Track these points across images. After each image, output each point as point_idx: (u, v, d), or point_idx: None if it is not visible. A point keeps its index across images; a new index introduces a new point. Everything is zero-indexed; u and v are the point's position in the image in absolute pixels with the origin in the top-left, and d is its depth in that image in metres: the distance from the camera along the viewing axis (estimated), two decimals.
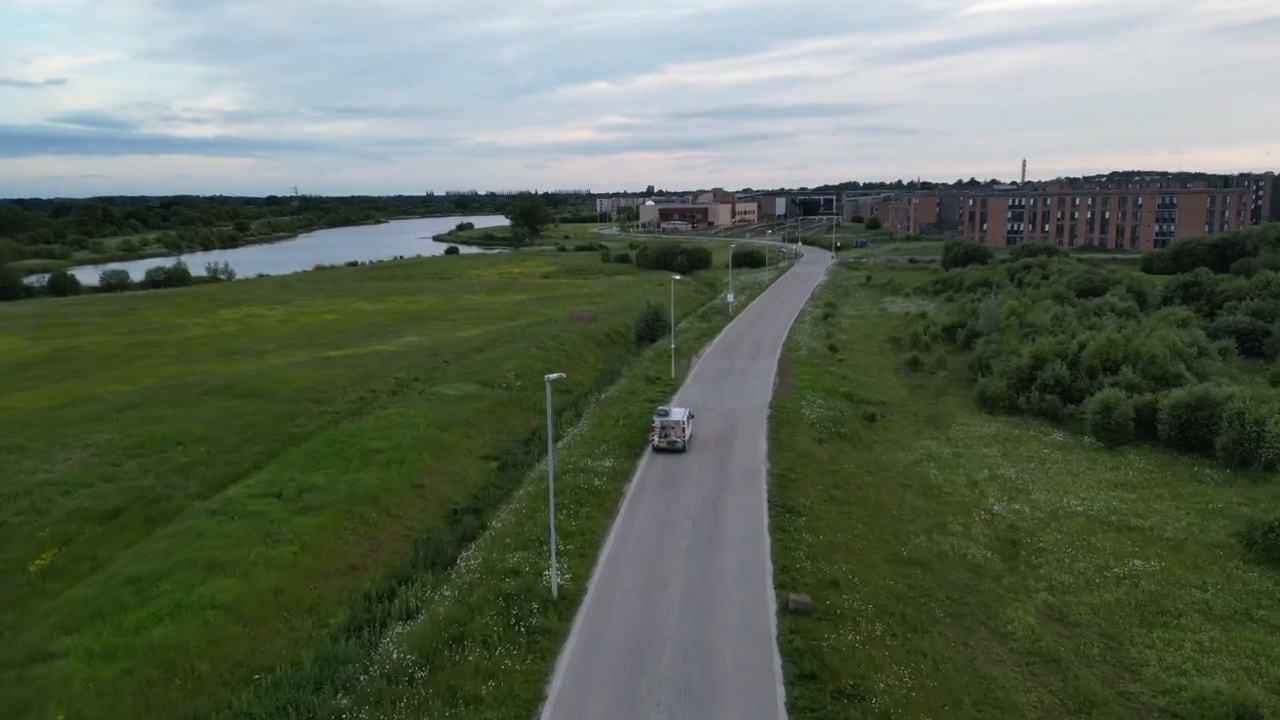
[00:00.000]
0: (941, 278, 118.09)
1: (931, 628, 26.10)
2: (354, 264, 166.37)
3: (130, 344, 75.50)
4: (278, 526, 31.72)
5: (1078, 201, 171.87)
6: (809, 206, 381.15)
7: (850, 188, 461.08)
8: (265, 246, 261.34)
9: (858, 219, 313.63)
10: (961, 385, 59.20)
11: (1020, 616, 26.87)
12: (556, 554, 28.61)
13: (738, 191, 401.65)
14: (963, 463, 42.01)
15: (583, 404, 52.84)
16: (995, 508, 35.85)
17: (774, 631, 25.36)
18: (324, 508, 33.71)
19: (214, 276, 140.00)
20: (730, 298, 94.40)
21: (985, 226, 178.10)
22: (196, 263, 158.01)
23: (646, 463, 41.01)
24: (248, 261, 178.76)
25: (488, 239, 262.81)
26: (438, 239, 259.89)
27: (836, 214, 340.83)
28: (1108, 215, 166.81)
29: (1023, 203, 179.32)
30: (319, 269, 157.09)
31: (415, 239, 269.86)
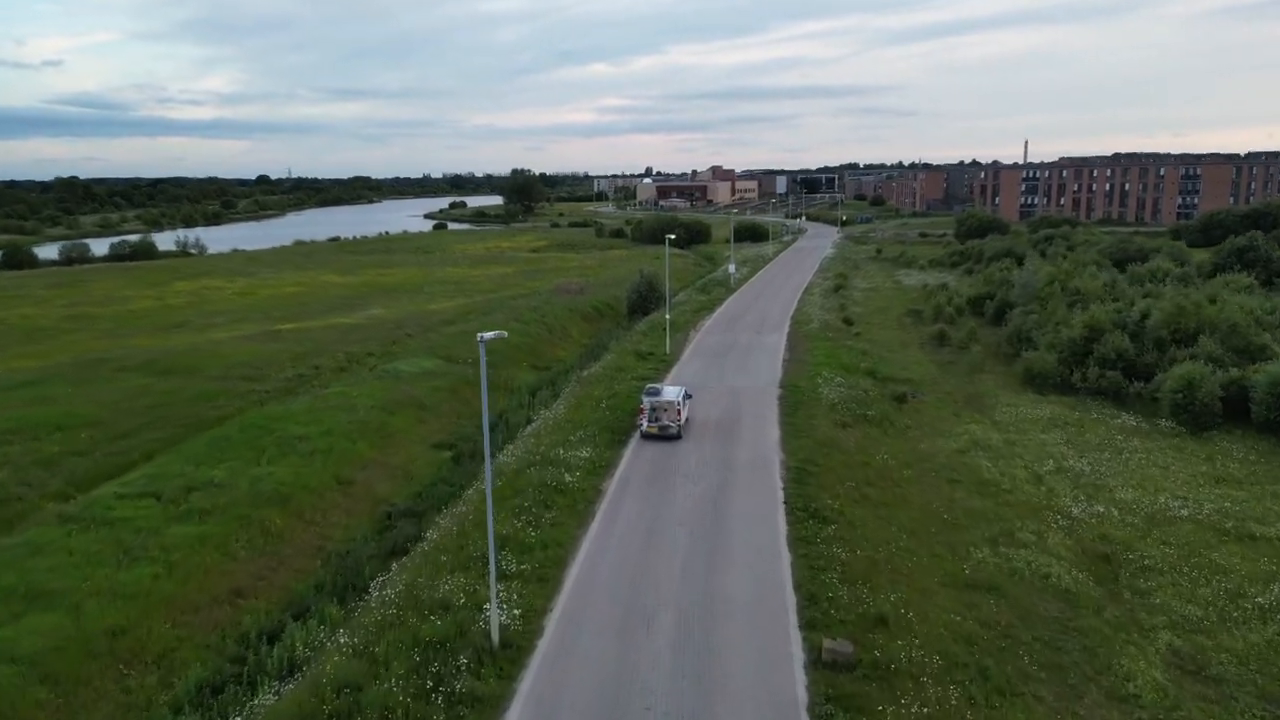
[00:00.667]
0: (958, 250, 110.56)
1: (1023, 688, 18.51)
2: (336, 239, 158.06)
3: (64, 317, 67.65)
4: (142, 539, 24.06)
5: (1095, 174, 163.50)
6: (810, 185, 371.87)
7: (851, 169, 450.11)
8: (251, 224, 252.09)
9: (860, 197, 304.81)
10: (998, 361, 51.48)
11: (1142, 670, 19.32)
12: (497, 585, 21.00)
13: (739, 172, 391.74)
14: (1019, 452, 34.35)
15: (561, 382, 45.18)
16: (1073, 510, 28.20)
17: (804, 698, 17.76)
18: (213, 512, 26.05)
19: (183, 250, 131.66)
20: (732, 268, 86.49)
21: (997, 200, 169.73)
22: (171, 239, 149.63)
23: (633, 452, 33.37)
24: (228, 238, 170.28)
25: (479, 216, 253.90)
26: (428, 216, 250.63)
27: (838, 192, 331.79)
28: (1127, 188, 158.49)
29: (1037, 175, 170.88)
30: (298, 244, 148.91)
31: (406, 216, 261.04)
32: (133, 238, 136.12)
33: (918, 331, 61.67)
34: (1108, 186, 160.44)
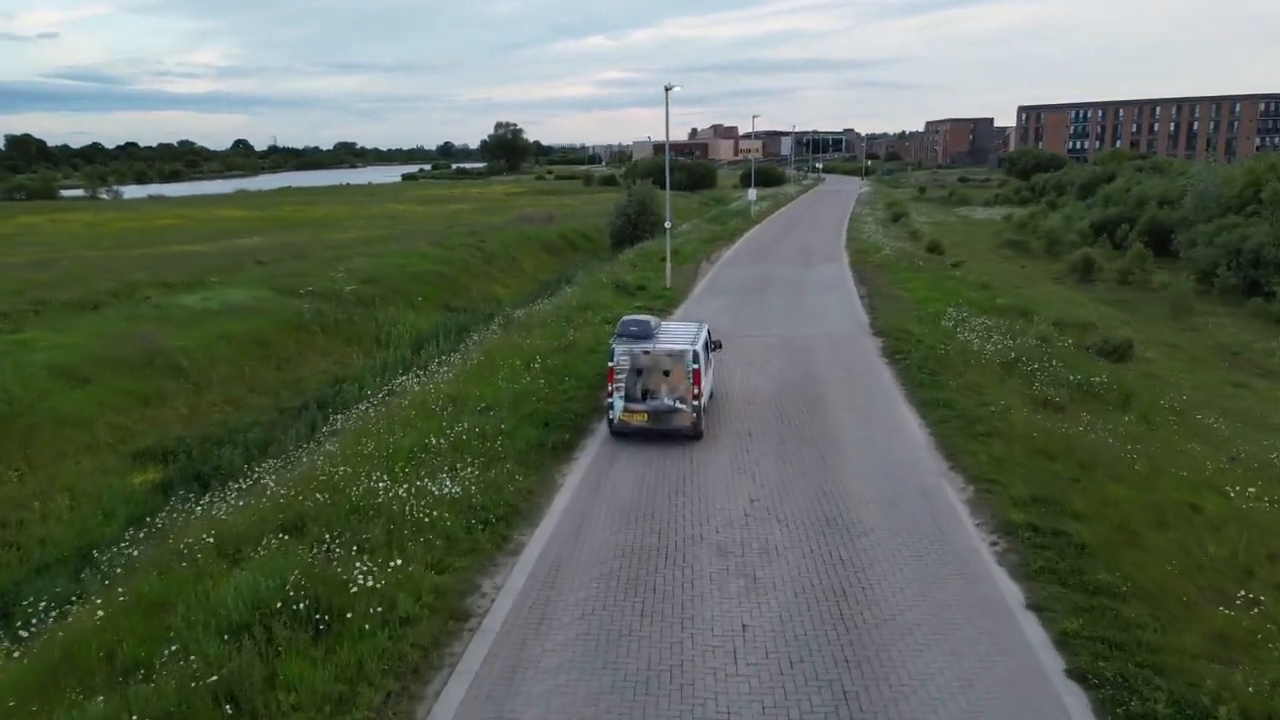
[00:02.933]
0: (1022, 186, 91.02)
1: None
2: (286, 187, 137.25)
3: None
4: None
5: (1158, 112, 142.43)
6: (817, 146, 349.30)
7: (854, 137, 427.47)
8: (217, 182, 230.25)
9: (872, 156, 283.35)
10: (1221, 301, 31.31)
11: None
12: None
13: (742, 132, 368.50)
14: None
15: (485, 328, 24.96)
16: None
17: None
18: None
19: (93, 196, 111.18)
20: (752, 195, 66.41)
21: (1040, 145, 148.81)
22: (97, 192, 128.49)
23: (582, 486, 13.26)
24: (174, 191, 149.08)
25: (460, 174, 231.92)
26: (406, 177, 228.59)
27: (846, 153, 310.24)
28: (1195, 127, 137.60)
29: (1087, 115, 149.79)
30: (240, 192, 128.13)
31: (384, 177, 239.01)
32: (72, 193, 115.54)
33: (1041, 265, 41.71)
34: (1172, 127, 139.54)
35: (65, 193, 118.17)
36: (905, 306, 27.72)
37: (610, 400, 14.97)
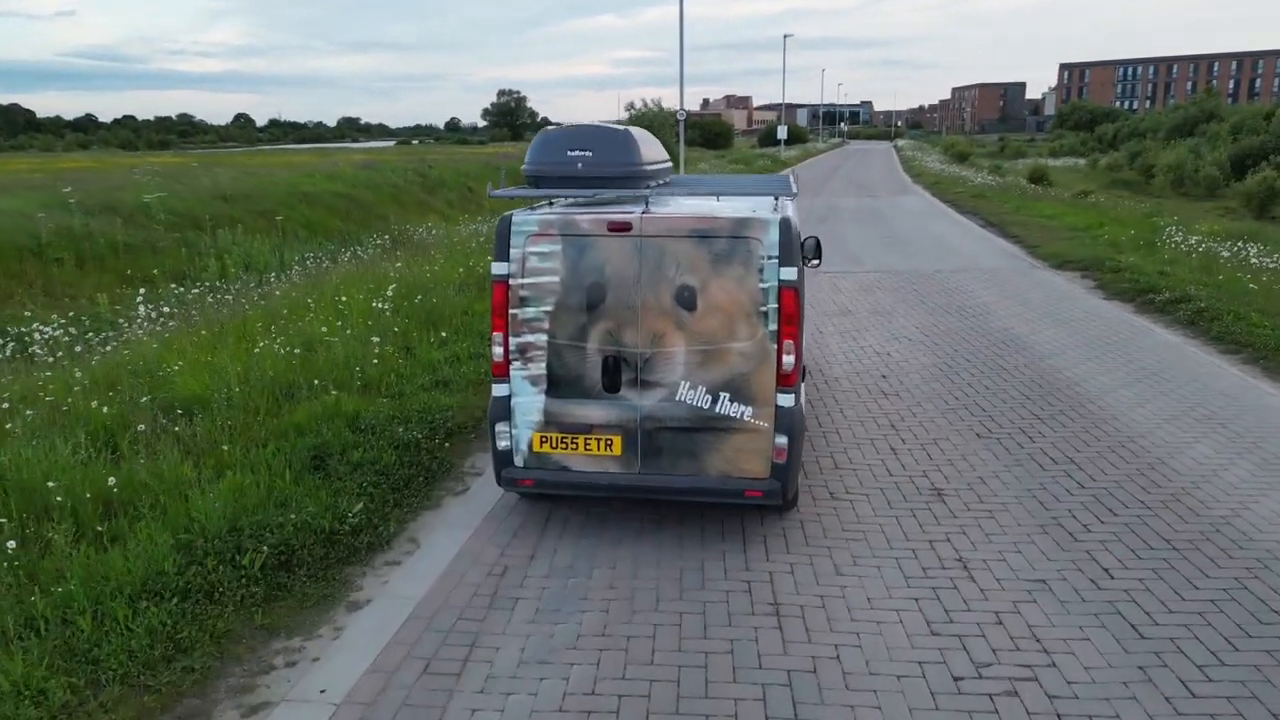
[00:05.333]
0: (1088, 138, 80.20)
1: None
2: (263, 149, 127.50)
3: None
4: None
5: (1216, 68, 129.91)
6: (834, 118, 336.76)
7: (872, 110, 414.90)
8: (200, 150, 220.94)
9: (890, 125, 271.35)
10: None
11: None
12: None
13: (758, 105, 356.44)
14: None
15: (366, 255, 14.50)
16: None
17: None
18: None
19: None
20: (782, 133, 56.30)
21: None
22: None
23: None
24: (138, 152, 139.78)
25: (460, 142, 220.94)
26: (400, 142, 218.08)
27: (867, 123, 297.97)
28: (1258, 85, 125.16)
29: (1136, 74, 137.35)
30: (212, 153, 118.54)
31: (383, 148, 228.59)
32: None
33: (1171, 202, 30.97)
34: (1231, 84, 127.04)
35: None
36: (1061, 233, 17.53)
37: (506, 397, 4.58)
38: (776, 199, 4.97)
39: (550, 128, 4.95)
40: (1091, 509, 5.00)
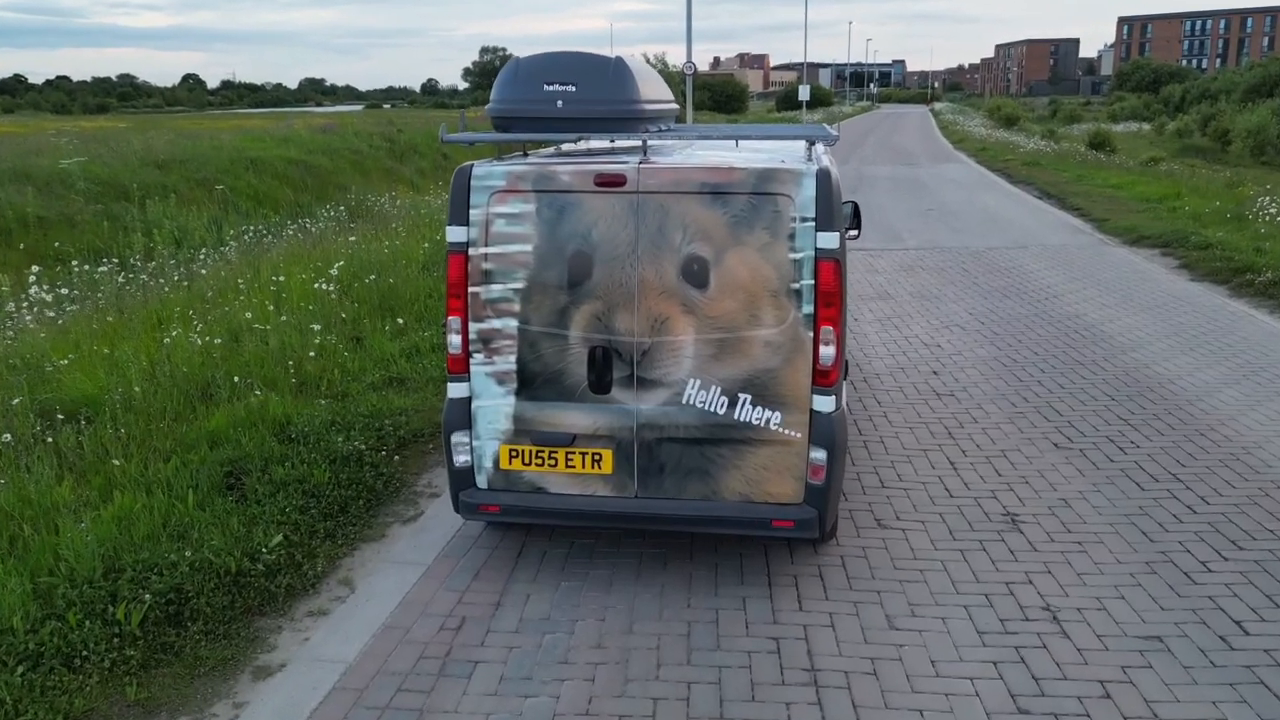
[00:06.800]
0: (1152, 100, 79.91)
1: None
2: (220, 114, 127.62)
3: None
4: None
5: None
6: (861, 79, 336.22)
7: (904, 70, 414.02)
8: (143, 116, 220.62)
9: (925, 87, 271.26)
10: None
11: None
12: None
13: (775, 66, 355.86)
14: None
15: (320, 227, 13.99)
16: None
17: None
18: None
19: None
20: (804, 95, 56.15)
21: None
22: None
23: None
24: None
25: (439, 105, 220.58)
26: (370, 106, 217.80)
27: (899, 84, 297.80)
28: None
29: (1206, 27, 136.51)
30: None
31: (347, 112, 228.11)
32: None
33: (1254, 172, 30.59)
34: None
35: None
36: (1131, 204, 17.20)
37: (466, 399, 4.07)
38: (811, 144, 4.43)
39: (521, 57, 4.40)
40: (1209, 540, 4.47)
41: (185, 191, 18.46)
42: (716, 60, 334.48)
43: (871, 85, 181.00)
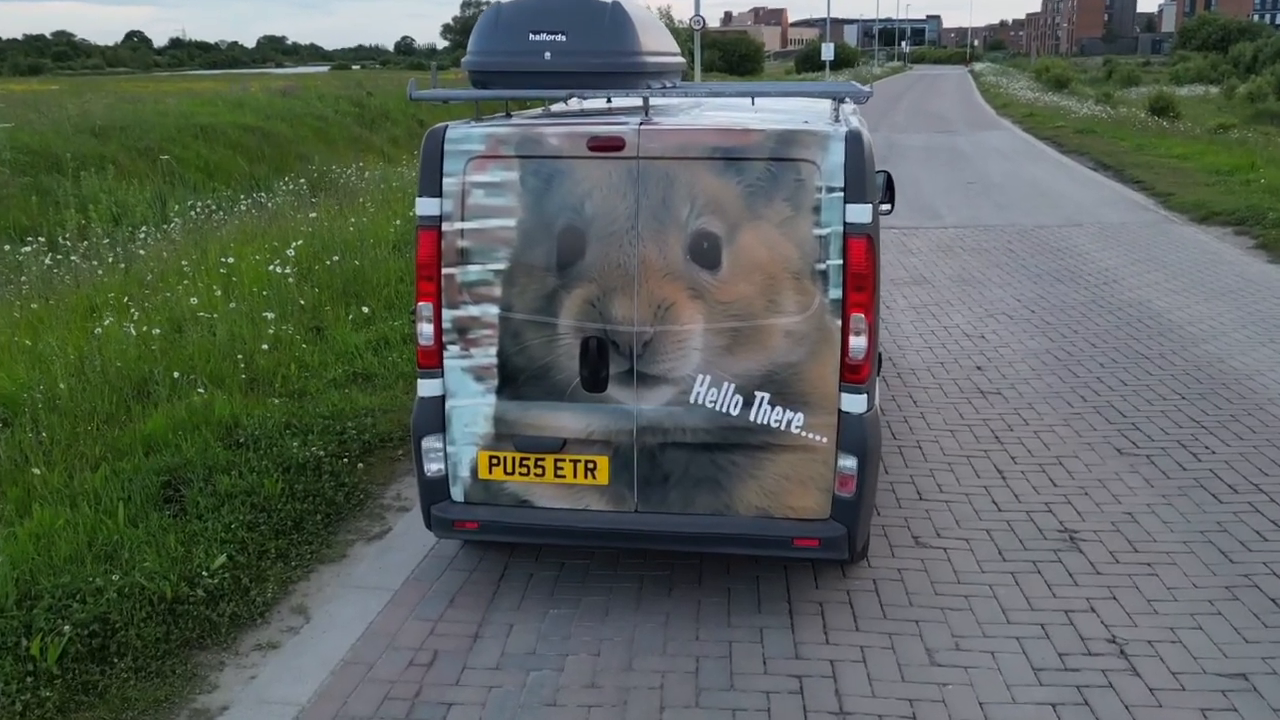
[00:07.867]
0: (1219, 60, 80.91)
1: None
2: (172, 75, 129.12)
3: None
4: None
5: None
6: (891, 37, 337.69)
7: (939, 26, 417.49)
8: (81, 77, 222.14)
9: (964, 46, 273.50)
10: None
11: None
12: None
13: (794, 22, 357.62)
14: None
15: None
16: None
17: None
18: None
19: None
20: (828, 54, 57.53)
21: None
22: None
23: None
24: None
25: (416, 67, 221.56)
26: (337, 66, 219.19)
27: (934, 42, 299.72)
28: None
29: None
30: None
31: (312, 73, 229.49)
32: None
33: None
34: None
35: None
36: (1199, 177, 17.58)
37: (439, 398, 4.00)
38: (838, 103, 4.32)
39: (504, 1, 4.30)
40: None
41: (125, 162, 18.58)
42: (728, 15, 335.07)
43: (903, 44, 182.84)
